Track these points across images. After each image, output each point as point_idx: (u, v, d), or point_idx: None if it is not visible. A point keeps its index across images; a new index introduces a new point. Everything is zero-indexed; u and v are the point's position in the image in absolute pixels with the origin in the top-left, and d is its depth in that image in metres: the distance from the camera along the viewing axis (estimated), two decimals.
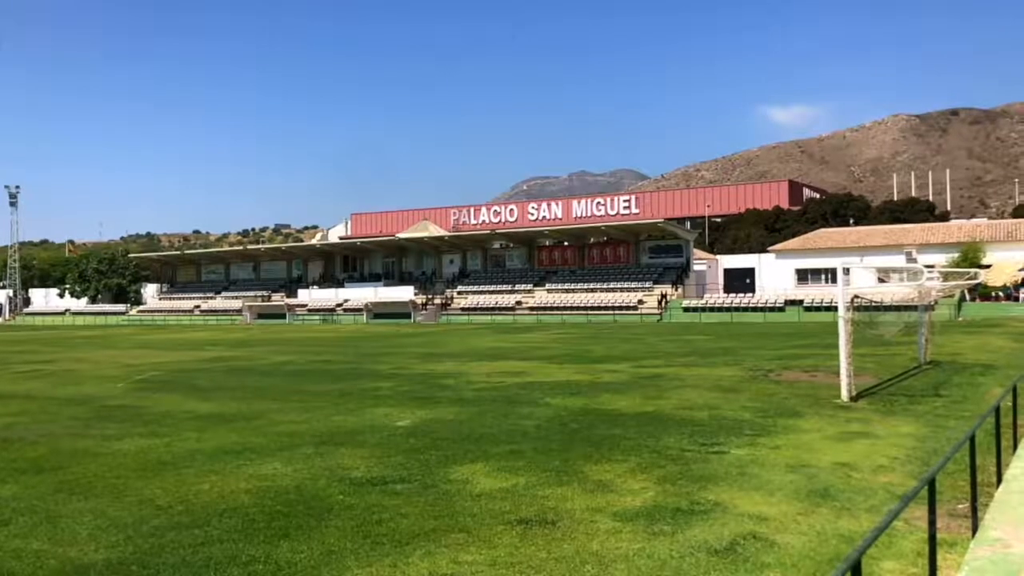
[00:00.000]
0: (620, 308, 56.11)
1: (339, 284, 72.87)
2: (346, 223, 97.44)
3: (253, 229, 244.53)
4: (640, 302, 56.06)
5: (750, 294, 54.65)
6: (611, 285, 59.82)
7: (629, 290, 58.43)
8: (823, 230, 60.98)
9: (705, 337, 32.60)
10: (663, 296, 55.59)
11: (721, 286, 58.24)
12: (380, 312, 63.77)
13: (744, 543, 5.86)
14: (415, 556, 5.69)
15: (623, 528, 6.31)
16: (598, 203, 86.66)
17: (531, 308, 60.02)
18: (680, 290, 57.37)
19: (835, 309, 14.34)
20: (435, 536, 6.15)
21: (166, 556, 5.79)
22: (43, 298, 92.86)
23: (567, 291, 61.53)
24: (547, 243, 68.29)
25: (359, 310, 65.08)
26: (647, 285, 58.16)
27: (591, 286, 60.75)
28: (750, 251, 62.95)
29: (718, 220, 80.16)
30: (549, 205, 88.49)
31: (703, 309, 52.66)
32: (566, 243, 67.30)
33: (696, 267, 60.32)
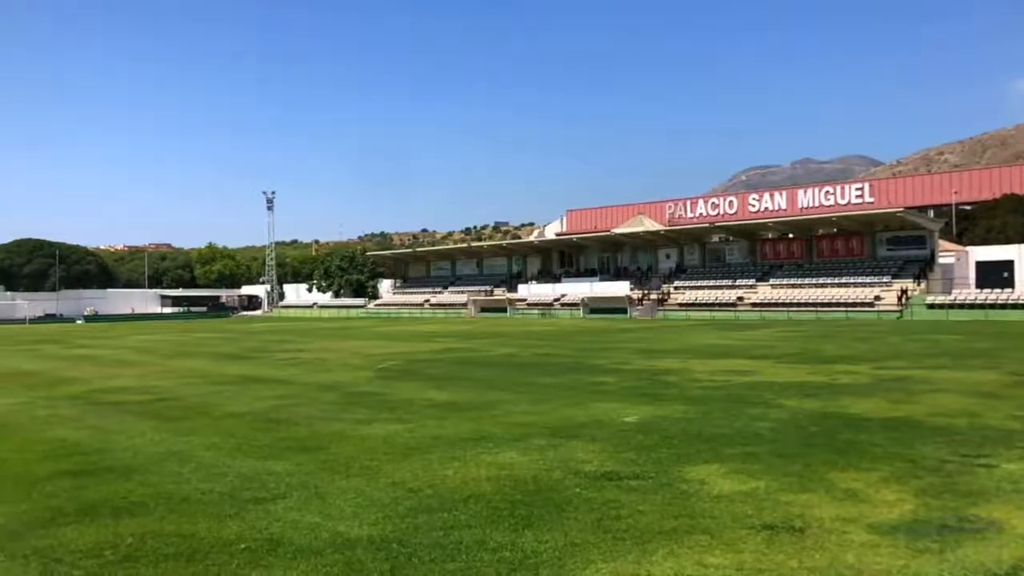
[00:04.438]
0: (853, 304, 52.47)
1: (556, 279, 74.28)
2: (561, 219, 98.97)
3: (475, 227, 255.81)
4: (877, 298, 52.13)
5: (1008, 289, 48.94)
6: (842, 280, 56.12)
7: (863, 285, 54.52)
8: None
9: (955, 337, 29.65)
10: (903, 292, 51.29)
11: (972, 280, 52.61)
12: (596, 307, 64.20)
13: None
14: (658, 555, 5.64)
15: (881, 542, 5.86)
16: (826, 192, 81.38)
17: (753, 304, 57.74)
18: (923, 285, 52.63)
19: None
20: (676, 536, 6.06)
21: (420, 537, 6.17)
22: (295, 293, 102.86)
23: (793, 286, 58.51)
24: (770, 236, 65.37)
25: (575, 305, 65.95)
26: (884, 280, 53.96)
27: (820, 281, 57.35)
28: (1007, 241, 56.33)
29: (967, 208, 72.46)
30: (772, 195, 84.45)
31: (951, 306, 47.97)
32: (791, 235, 64.01)
33: (942, 260, 55.02)
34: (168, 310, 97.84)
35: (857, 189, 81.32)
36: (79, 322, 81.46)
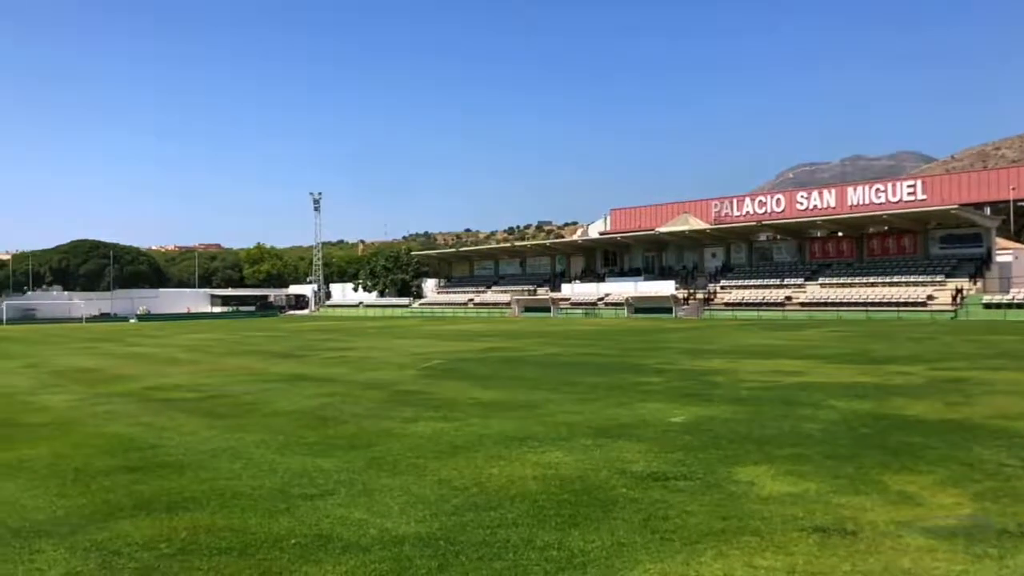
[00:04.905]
0: (905, 304, 51.31)
1: (600, 279, 74.03)
2: (605, 218, 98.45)
3: (518, 226, 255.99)
4: (929, 297, 50.92)
5: None
6: (894, 279, 54.95)
7: (916, 284, 53.28)
8: None
9: (1015, 338, 28.81)
10: (958, 291, 50.01)
11: None
12: (640, 307, 63.79)
13: None
14: (707, 556, 5.58)
15: (938, 546, 5.72)
16: (877, 189, 79.59)
17: (802, 304, 56.83)
18: (979, 284, 51.27)
19: None
20: (725, 537, 5.99)
21: (468, 534, 6.19)
22: (341, 292, 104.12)
23: (843, 285, 57.45)
24: (819, 234, 64.28)
25: (619, 304, 65.62)
26: (938, 279, 52.68)
27: (870, 280, 56.22)
28: None
29: None
30: (820, 193, 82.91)
31: (1009, 305, 46.63)
32: (840, 234, 62.86)
33: (999, 258, 53.53)
34: (218, 309, 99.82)
35: (909, 186, 79.38)
36: (132, 321, 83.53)
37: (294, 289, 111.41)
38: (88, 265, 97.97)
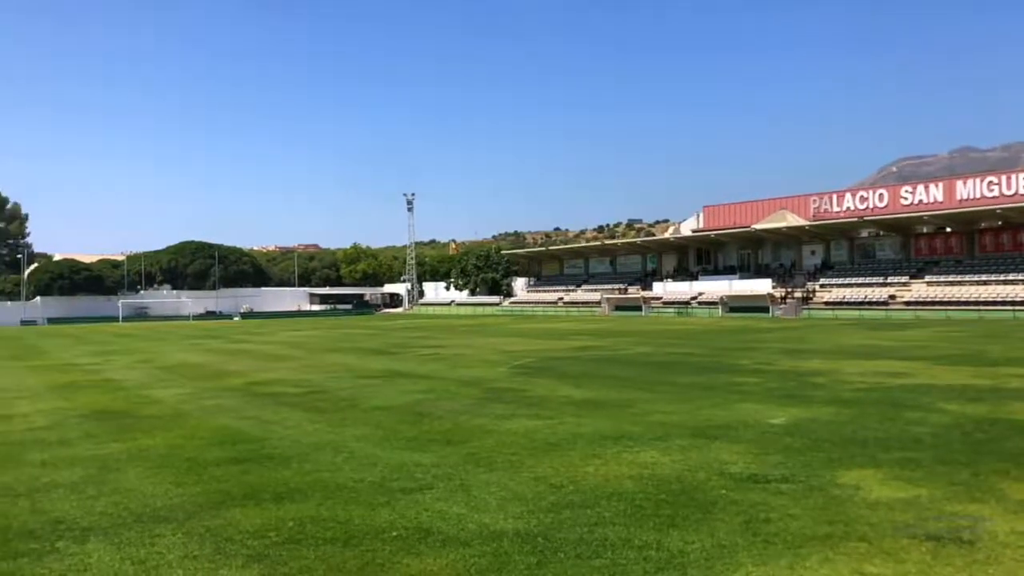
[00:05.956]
0: (1022, 303, 48.46)
1: (693, 277, 72.73)
2: (698, 216, 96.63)
3: (608, 225, 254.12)
4: None
5: None
6: (1009, 277, 52.01)
7: None
8: None
9: None
10: None
11: None
12: (735, 306, 62.38)
13: None
14: (812, 560, 5.42)
15: None
16: (989, 182, 75.15)
17: (907, 303, 54.44)
18: None
19: None
20: (831, 542, 5.80)
21: (565, 532, 6.20)
22: (433, 291, 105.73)
23: (952, 284, 54.72)
24: (925, 230, 61.38)
25: (713, 303, 64.34)
26: None
27: (983, 278, 53.36)
28: None
29: None
30: (927, 187, 78.98)
31: None
32: (949, 229, 59.87)
33: None
34: (316, 308, 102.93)
35: None
36: (236, 319, 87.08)
37: (389, 288, 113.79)
38: (195, 265, 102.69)
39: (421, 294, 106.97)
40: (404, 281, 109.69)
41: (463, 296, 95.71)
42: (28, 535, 6.53)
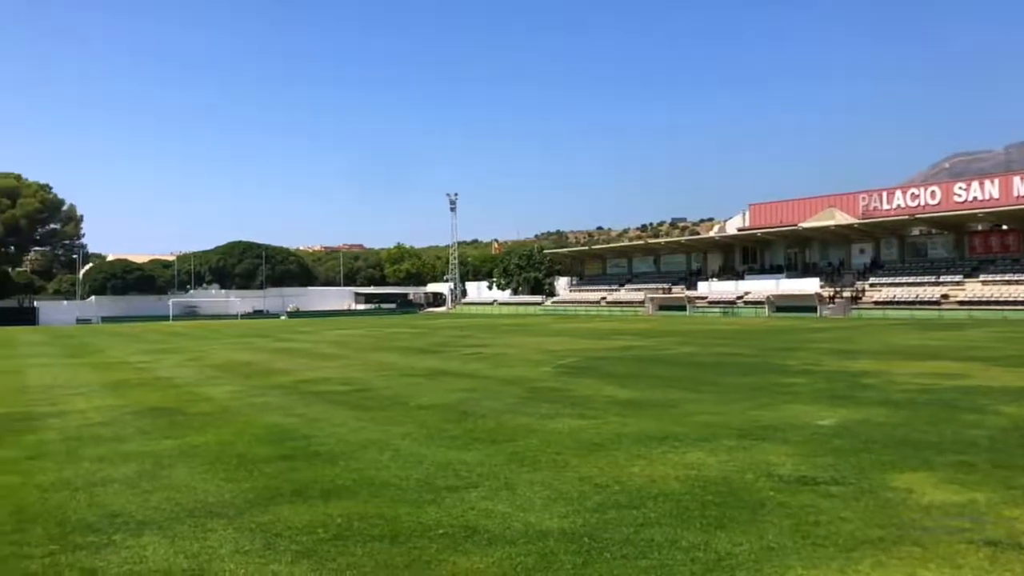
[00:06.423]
0: None
1: (739, 276, 71.89)
2: (743, 214, 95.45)
3: (651, 223, 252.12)
4: None
5: None
6: None
7: None
8: None
9: None
10: None
11: None
12: (782, 305, 61.50)
13: None
14: (864, 564, 5.32)
15: None
16: None
17: (960, 302, 53.09)
18: None
19: None
20: (883, 546, 5.69)
21: (611, 532, 6.18)
22: (476, 290, 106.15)
23: (1008, 283, 53.26)
24: (980, 228, 59.80)
25: (760, 303, 63.51)
26: None
27: None
28: None
29: None
30: (981, 184, 76.90)
31: None
32: (1005, 227, 58.23)
33: None
34: (361, 307, 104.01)
35: None
36: (283, 317, 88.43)
37: (432, 287, 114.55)
38: (243, 265, 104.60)
39: (464, 294, 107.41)
40: (447, 281, 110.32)
41: (505, 296, 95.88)
42: (87, 528, 6.71)
